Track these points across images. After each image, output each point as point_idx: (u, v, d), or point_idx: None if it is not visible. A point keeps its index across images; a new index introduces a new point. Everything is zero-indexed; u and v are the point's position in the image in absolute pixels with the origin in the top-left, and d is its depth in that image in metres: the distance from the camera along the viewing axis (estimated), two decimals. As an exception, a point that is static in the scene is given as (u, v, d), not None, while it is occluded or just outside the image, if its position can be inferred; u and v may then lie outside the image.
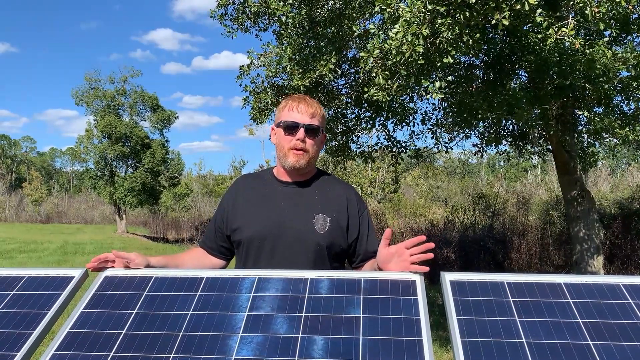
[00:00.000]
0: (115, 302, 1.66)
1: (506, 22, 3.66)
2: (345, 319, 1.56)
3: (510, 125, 7.91)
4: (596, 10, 3.46)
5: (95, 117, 21.61)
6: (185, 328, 1.55)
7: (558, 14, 4.70)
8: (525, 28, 5.41)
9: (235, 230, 2.06)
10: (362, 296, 1.65)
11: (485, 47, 6.12)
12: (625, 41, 7.70)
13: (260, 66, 5.74)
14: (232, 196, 2.14)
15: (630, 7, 3.70)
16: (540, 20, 3.89)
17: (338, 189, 2.10)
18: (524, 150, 8.62)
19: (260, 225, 2.01)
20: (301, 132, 1.99)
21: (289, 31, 5.44)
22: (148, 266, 1.85)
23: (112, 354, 1.47)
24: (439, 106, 6.78)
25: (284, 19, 4.81)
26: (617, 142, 7.31)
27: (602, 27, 3.81)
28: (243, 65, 5.76)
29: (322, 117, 2.06)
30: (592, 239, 8.06)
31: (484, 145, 7.52)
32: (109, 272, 1.77)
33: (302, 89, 4.83)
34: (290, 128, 2.00)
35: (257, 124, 6.15)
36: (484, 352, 1.43)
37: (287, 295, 1.66)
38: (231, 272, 1.76)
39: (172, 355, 1.45)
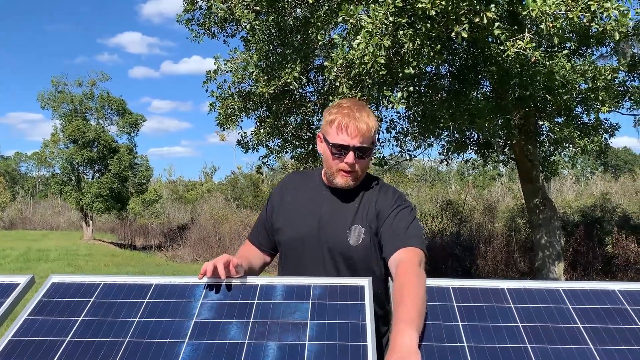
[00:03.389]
0: (60, 309, 1.64)
1: (465, 35, 3.75)
2: (293, 325, 1.58)
3: (475, 134, 8.08)
4: (551, 25, 3.58)
5: (62, 121, 21.18)
6: (131, 335, 1.54)
7: (515, 27, 4.83)
8: (490, 40, 5.56)
9: (277, 230, 2.04)
10: (310, 302, 1.67)
11: (450, 57, 6.24)
12: (586, 54, 7.96)
13: (227, 72, 5.73)
14: (280, 193, 2.10)
15: (585, 21, 3.83)
16: (499, 33, 3.99)
17: (378, 195, 1.97)
18: (489, 158, 8.81)
19: (298, 230, 1.98)
20: (350, 157, 1.86)
21: (256, 38, 5.46)
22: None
23: (54, 361, 1.45)
24: (404, 115, 6.89)
25: (248, 26, 4.82)
26: (577, 151, 7.54)
27: (556, 41, 3.94)
28: (210, 71, 5.75)
29: (373, 132, 1.90)
30: (554, 245, 8.27)
31: (449, 153, 7.65)
32: (55, 279, 1.75)
33: (266, 95, 4.85)
34: (339, 151, 1.87)
35: (224, 129, 6.13)
36: (426, 355, 1.46)
37: (236, 302, 1.67)
38: (180, 279, 1.76)
39: (116, 362, 1.44)
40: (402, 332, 1.45)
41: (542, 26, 3.63)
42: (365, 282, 1.73)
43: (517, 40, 3.98)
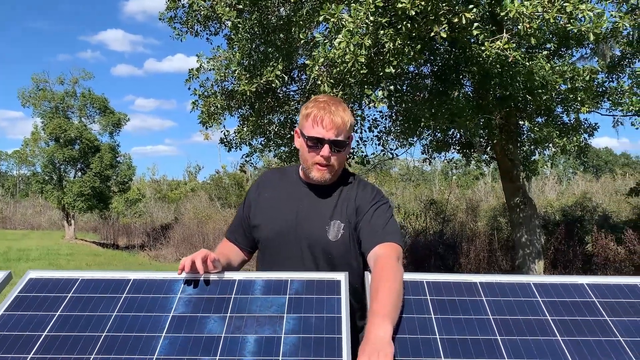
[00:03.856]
0: (38, 304, 1.64)
1: (444, 35, 3.80)
2: (270, 319, 1.60)
3: (457, 134, 8.16)
4: (528, 25, 3.65)
5: (43, 119, 20.93)
6: (108, 329, 1.56)
7: (494, 28, 4.91)
8: (472, 41, 5.64)
9: (255, 228, 2.05)
10: (287, 296, 1.69)
11: (432, 57, 6.30)
12: (566, 55, 8.08)
13: (210, 70, 5.73)
14: (256, 191, 2.10)
15: (562, 23, 3.90)
16: (477, 34, 4.05)
17: (357, 190, 2.00)
18: (471, 158, 8.90)
19: (277, 227, 1.98)
20: (326, 150, 1.88)
21: (240, 36, 5.46)
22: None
23: (30, 355, 1.46)
24: (387, 114, 6.95)
25: (229, 24, 4.83)
26: (556, 151, 7.66)
27: (533, 42, 4.02)
28: (192, 69, 5.74)
29: (349, 127, 1.92)
30: (534, 244, 8.38)
31: (431, 152, 7.72)
32: (33, 274, 1.75)
33: (248, 94, 4.86)
34: (315, 144, 1.89)
35: (207, 128, 6.12)
36: (399, 347, 1.50)
37: (213, 297, 1.69)
38: (158, 275, 1.77)
39: (92, 356, 1.46)
40: (376, 324, 1.49)
41: (519, 27, 3.70)
42: (341, 277, 1.76)
43: (495, 41, 4.05)
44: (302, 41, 4.84)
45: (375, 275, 1.69)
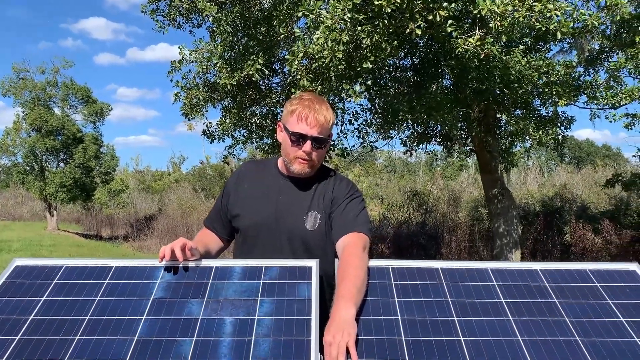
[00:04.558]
0: (24, 290, 1.74)
1: (419, 32, 3.91)
2: (245, 302, 1.72)
3: (438, 126, 8.31)
4: (499, 24, 3.78)
5: (24, 109, 20.71)
6: (92, 313, 1.66)
7: (468, 24, 5.03)
8: (451, 36, 5.76)
9: (235, 217, 2.13)
10: (262, 281, 1.81)
11: (412, 51, 6.42)
12: (543, 49, 8.24)
13: (192, 62, 5.78)
14: (235, 182, 2.18)
15: (533, 20, 4.03)
16: (451, 31, 4.17)
17: (334, 183, 2.11)
18: (452, 150, 9.07)
19: (257, 217, 2.07)
20: (308, 145, 1.98)
21: (221, 29, 5.52)
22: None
23: (18, 337, 1.55)
24: (367, 107, 7.06)
25: (210, 18, 4.89)
26: (533, 143, 7.84)
27: (504, 39, 4.15)
28: (174, 61, 5.79)
29: (331, 125, 2.05)
30: (511, 234, 8.59)
31: (411, 144, 7.86)
32: (19, 262, 1.84)
33: (229, 87, 4.93)
34: (297, 139, 2.00)
35: (189, 120, 6.19)
36: (363, 327, 1.62)
37: (191, 282, 1.79)
38: (139, 262, 1.87)
39: (77, 338, 1.56)
40: (341, 306, 1.62)
41: (490, 25, 3.83)
42: (312, 264, 1.88)
43: (468, 38, 4.17)
44: (282, 35, 4.92)
45: (342, 262, 1.82)
